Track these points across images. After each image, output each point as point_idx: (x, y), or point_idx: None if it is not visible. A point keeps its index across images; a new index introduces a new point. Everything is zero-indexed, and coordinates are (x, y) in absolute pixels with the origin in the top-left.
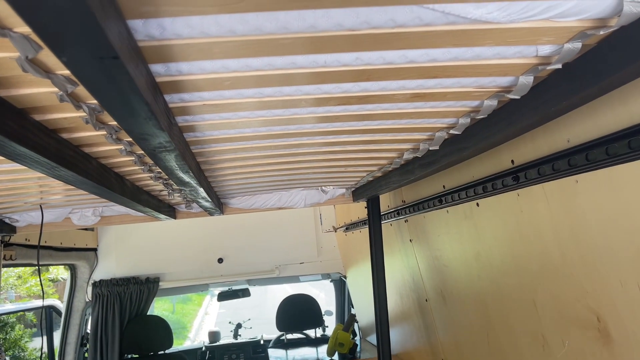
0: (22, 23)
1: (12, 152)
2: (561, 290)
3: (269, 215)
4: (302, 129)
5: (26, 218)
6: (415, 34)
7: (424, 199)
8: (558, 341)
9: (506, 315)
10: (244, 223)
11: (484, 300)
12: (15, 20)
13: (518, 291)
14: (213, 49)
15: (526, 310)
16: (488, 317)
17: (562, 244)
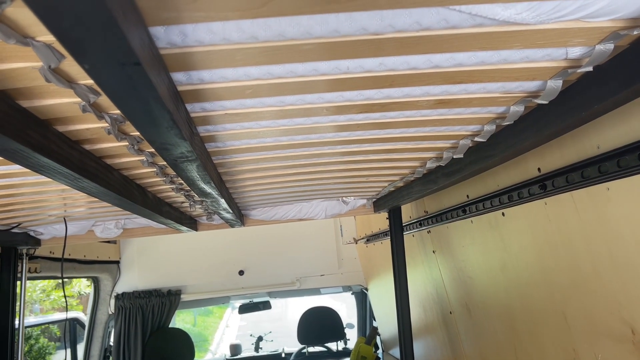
0: (45, 32)
1: (36, 163)
2: (593, 302)
3: (289, 227)
4: (324, 138)
5: (50, 231)
6: (441, 37)
7: (447, 209)
8: (590, 355)
9: (534, 328)
10: (264, 235)
11: (511, 312)
12: (38, 29)
13: (547, 303)
14: (235, 56)
15: (556, 323)
16: (515, 330)
17: (593, 254)
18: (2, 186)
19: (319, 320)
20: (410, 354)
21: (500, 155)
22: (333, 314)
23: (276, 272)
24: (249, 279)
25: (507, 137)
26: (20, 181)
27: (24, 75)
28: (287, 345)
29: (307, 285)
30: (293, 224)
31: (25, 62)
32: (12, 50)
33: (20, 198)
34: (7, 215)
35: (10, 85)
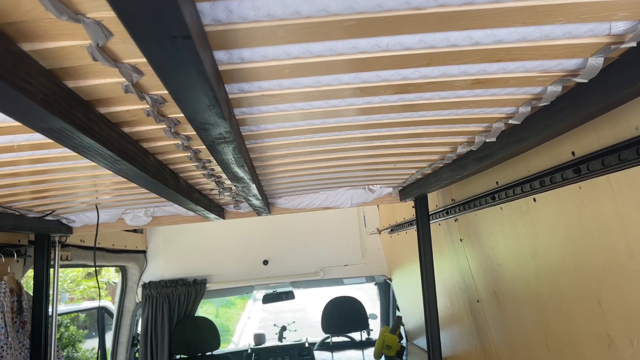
0: (96, 8)
1: (79, 143)
2: (629, 287)
3: (313, 217)
4: (356, 121)
5: (82, 219)
6: (484, 12)
7: (475, 196)
8: (626, 340)
9: (566, 315)
10: (288, 225)
11: (542, 300)
12: (89, 5)
13: (580, 290)
14: (277, 33)
15: (589, 310)
16: (546, 318)
17: (630, 239)
18: (36, 172)
19: (343, 310)
20: (437, 343)
21: (534, 139)
22: (357, 303)
23: (300, 262)
24: (273, 268)
25: (542, 119)
26: (54, 166)
27: (72, 54)
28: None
29: (330, 276)
30: (317, 215)
31: (74, 41)
32: (62, 28)
33: (54, 184)
34: (40, 202)
35: (58, 65)
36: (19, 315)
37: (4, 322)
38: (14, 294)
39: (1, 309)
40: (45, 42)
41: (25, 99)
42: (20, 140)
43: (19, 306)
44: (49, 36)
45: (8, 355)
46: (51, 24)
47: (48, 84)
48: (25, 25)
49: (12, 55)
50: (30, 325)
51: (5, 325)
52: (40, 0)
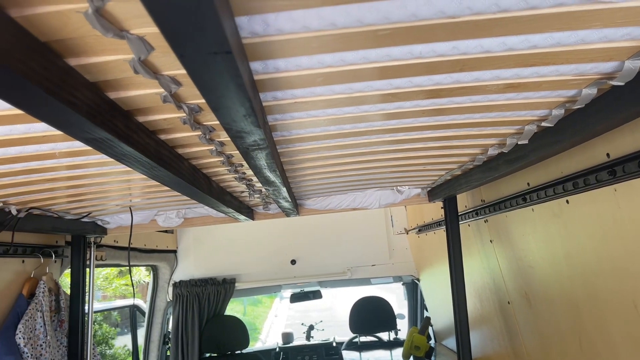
0: (139, 25)
1: (119, 152)
2: None
3: (341, 217)
4: (386, 126)
5: (116, 220)
6: (519, 18)
7: (506, 197)
8: None
9: (602, 318)
10: (315, 225)
11: (576, 302)
12: (133, 22)
13: (615, 292)
14: (311, 44)
15: (625, 313)
16: (580, 321)
17: None
18: (74, 177)
19: (371, 310)
20: (467, 344)
21: (567, 141)
22: (385, 303)
23: (327, 261)
24: (301, 268)
25: (576, 122)
26: (91, 172)
27: (115, 67)
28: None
29: (357, 275)
30: (344, 215)
31: (117, 55)
32: (106, 44)
33: (91, 188)
34: (78, 205)
35: (102, 77)
36: (57, 314)
37: (43, 321)
38: (52, 293)
39: (40, 308)
40: (90, 57)
41: (72, 112)
42: (61, 148)
43: (57, 305)
44: (94, 51)
45: (47, 353)
46: (97, 40)
47: (92, 96)
48: (72, 42)
49: (60, 70)
50: (67, 323)
51: (44, 324)
52: (87, 19)
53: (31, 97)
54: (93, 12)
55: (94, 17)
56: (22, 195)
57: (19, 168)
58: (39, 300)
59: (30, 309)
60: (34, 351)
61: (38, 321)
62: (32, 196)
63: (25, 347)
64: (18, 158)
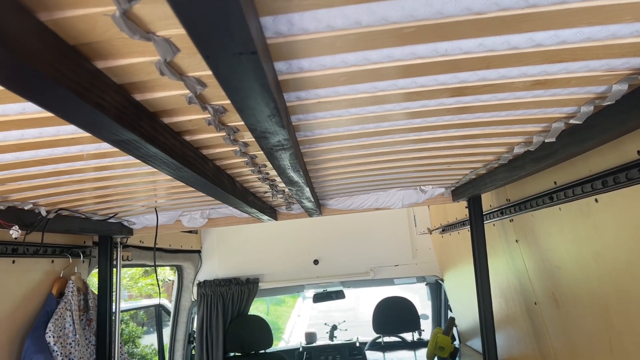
0: (165, 27)
1: (145, 153)
2: None
3: (363, 217)
4: (409, 125)
5: (142, 221)
6: (547, 14)
7: (532, 196)
8: None
9: (632, 319)
10: (338, 225)
11: (605, 303)
12: (159, 24)
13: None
14: (335, 43)
15: None
16: (610, 322)
17: None
18: (101, 178)
19: (395, 310)
20: (493, 345)
21: (597, 139)
22: (409, 304)
23: (350, 262)
24: (324, 268)
25: (606, 119)
26: (118, 173)
27: (141, 69)
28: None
29: (381, 276)
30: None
31: (143, 57)
32: (133, 46)
33: (117, 190)
34: (105, 206)
35: (128, 80)
36: (85, 313)
37: (72, 320)
38: (80, 292)
39: (70, 307)
40: (118, 59)
41: (101, 114)
42: (89, 150)
43: (85, 304)
44: (120, 54)
45: (76, 351)
46: (124, 43)
47: (119, 98)
48: (100, 45)
49: (88, 73)
50: (95, 322)
51: (73, 322)
52: (115, 21)
53: (62, 99)
54: (120, 15)
55: (121, 19)
56: (51, 196)
57: (48, 170)
58: (68, 299)
59: (60, 308)
60: (64, 350)
61: (67, 320)
62: (61, 197)
63: (55, 345)
64: (48, 160)
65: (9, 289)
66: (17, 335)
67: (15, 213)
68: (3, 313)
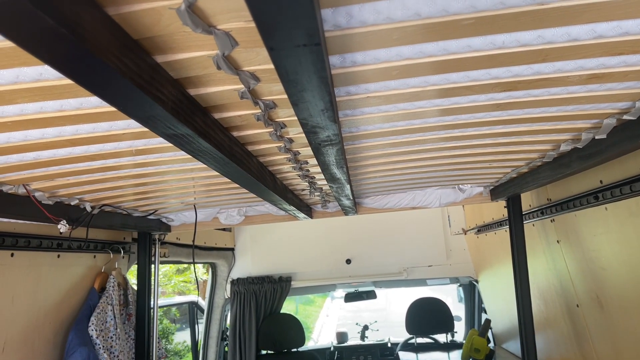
0: (226, 20)
1: (197, 148)
2: None
3: (397, 216)
4: (457, 120)
5: (180, 218)
6: (611, 3)
7: (575, 196)
8: None
9: None
10: (371, 224)
11: None
12: (221, 17)
13: None
14: (392, 35)
15: None
16: None
17: None
18: (142, 174)
19: (428, 311)
20: (532, 347)
21: None
22: (442, 305)
23: (383, 261)
24: (356, 267)
25: None
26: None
27: (198, 64)
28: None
29: (414, 276)
30: (401, 215)
31: (201, 51)
32: (192, 40)
33: (157, 186)
34: (145, 203)
35: (184, 74)
36: (125, 308)
37: (114, 314)
38: (121, 287)
39: (111, 302)
40: (177, 53)
41: (159, 107)
42: (139, 145)
43: (125, 299)
44: (180, 48)
45: (117, 345)
46: (185, 37)
47: (175, 92)
48: (161, 38)
49: (149, 67)
50: (134, 317)
51: (114, 317)
52: (179, 15)
53: (125, 92)
54: (185, 8)
55: (186, 13)
56: (96, 192)
57: (97, 165)
58: (109, 294)
59: (102, 302)
60: (105, 343)
61: (109, 314)
62: (105, 193)
63: (98, 338)
64: (97, 155)
65: (54, 283)
66: (61, 328)
67: (62, 208)
68: (48, 306)
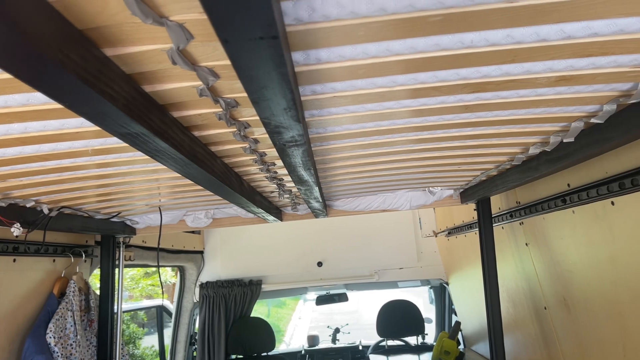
0: (179, 11)
1: (154, 147)
2: None
3: (368, 219)
4: (425, 122)
5: (145, 220)
6: (581, 2)
7: (544, 199)
8: None
9: None
10: (342, 227)
11: (620, 309)
12: (173, 7)
13: None
14: (358, 32)
15: None
16: (624, 328)
17: None
18: (105, 175)
19: (399, 314)
20: (501, 349)
21: (618, 139)
22: (413, 307)
23: (354, 264)
24: (327, 270)
25: (629, 118)
26: (122, 170)
27: (151, 58)
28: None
29: (385, 278)
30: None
31: (155, 45)
32: (144, 32)
33: (120, 188)
34: (107, 205)
35: (138, 69)
36: (87, 314)
37: (74, 321)
38: (82, 292)
39: (71, 308)
40: (127, 46)
41: (109, 104)
42: (95, 145)
43: (87, 305)
44: (130, 40)
45: (77, 352)
46: (134, 28)
47: (128, 88)
48: (109, 30)
49: (97, 60)
50: (97, 323)
51: (74, 323)
52: (126, 3)
53: (68, 88)
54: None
55: (134, 1)
56: (54, 194)
57: (51, 166)
58: (69, 299)
59: (61, 308)
60: (64, 350)
61: (68, 320)
62: (64, 195)
63: (56, 346)
64: (51, 155)
65: (10, 288)
66: (17, 335)
67: (16, 210)
68: (4, 312)
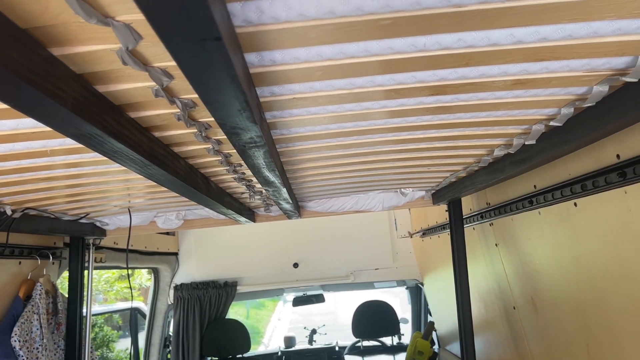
0: (125, 11)
1: (110, 148)
2: None
3: (344, 220)
4: (388, 124)
5: (115, 222)
6: (528, 8)
7: (512, 200)
8: None
9: (610, 324)
10: (318, 228)
11: (584, 308)
12: (118, 7)
13: (626, 299)
14: (309, 34)
15: (635, 318)
16: (588, 327)
17: None
18: (70, 176)
19: (374, 314)
20: (471, 349)
21: (577, 141)
22: (388, 308)
23: (330, 265)
24: (304, 271)
25: (586, 121)
26: (88, 171)
27: (102, 58)
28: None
29: (361, 279)
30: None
31: (104, 45)
32: (91, 32)
33: (88, 188)
34: (76, 206)
35: (89, 69)
36: (54, 317)
37: (40, 324)
38: (49, 295)
39: (37, 311)
40: (75, 46)
41: (57, 104)
42: (54, 145)
43: (54, 308)
44: (78, 40)
45: (43, 356)
46: (81, 28)
47: (79, 89)
48: (54, 29)
49: (42, 60)
50: (65, 326)
51: (41, 326)
52: (68, 2)
53: (12, 88)
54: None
55: (74, 0)
56: (17, 194)
57: (10, 166)
58: (35, 302)
59: (27, 311)
60: (30, 354)
61: (34, 324)
62: (28, 196)
63: (21, 350)
64: (8, 156)
65: None
66: None
67: None
68: None
